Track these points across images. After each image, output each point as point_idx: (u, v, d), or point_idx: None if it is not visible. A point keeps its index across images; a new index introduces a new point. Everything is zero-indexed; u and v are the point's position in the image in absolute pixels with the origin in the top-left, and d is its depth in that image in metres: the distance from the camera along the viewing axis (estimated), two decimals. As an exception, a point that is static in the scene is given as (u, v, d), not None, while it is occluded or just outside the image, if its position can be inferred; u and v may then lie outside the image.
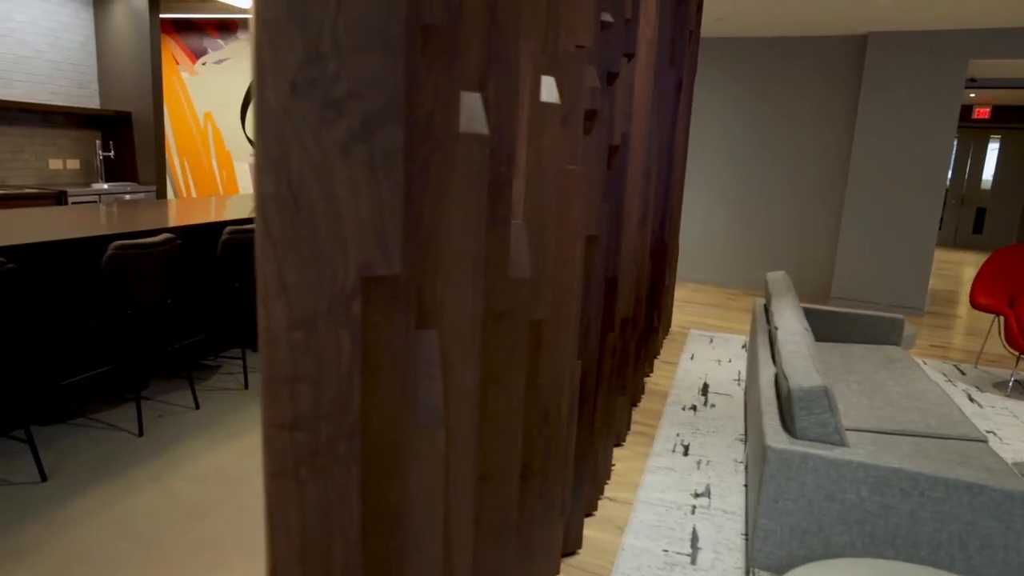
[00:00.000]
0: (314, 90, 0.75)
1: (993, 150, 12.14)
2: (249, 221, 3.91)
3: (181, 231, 3.49)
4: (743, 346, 5.08)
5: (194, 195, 7.76)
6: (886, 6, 5.12)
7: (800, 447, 1.92)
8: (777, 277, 3.70)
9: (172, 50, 7.50)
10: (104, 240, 3.03)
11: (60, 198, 5.16)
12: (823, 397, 1.95)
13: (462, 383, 1.14)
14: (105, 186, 5.59)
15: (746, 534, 2.49)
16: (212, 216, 3.86)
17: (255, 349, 4.18)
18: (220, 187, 7.62)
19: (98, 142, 5.92)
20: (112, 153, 5.99)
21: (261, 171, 0.75)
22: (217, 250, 3.51)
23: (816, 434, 1.96)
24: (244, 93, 7.36)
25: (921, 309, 6.45)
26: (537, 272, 1.55)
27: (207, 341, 4.12)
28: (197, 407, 3.41)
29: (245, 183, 7.50)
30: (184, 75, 7.54)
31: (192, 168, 7.69)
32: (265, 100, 0.73)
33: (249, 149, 7.44)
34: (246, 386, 3.73)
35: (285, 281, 0.78)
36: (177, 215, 3.85)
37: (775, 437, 1.99)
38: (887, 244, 6.47)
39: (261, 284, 0.77)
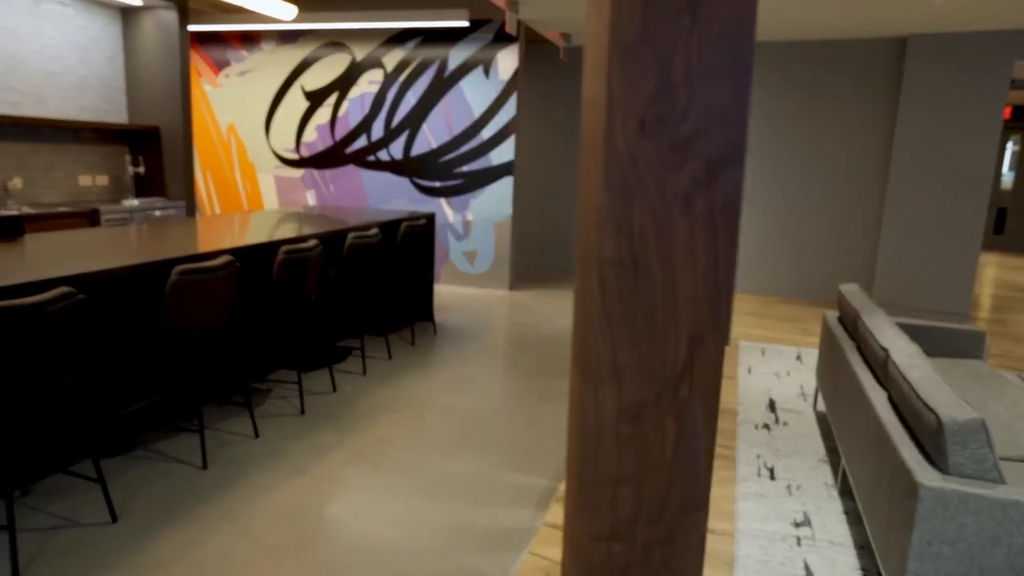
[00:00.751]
0: (662, 129, 0.62)
1: (1012, 151, 12.03)
2: (303, 240, 3.77)
3: (237, 252, 3.35)
4: (797, 357, 4.94)
5: (218, 209, 7.62)
6: (940, 3, 5.00)
7: (957, 485, 1.78)
8: (853, 290, 3.57)
9: (195, 62, 7.37)
10: (165, 265, 2.89)
11: (93, 216, 5.02)
12: (980, 431, 1.82)
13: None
14: (136, 202, 5.45)
15: (872, 570, 2.34)
16: (264, 235, 3.72)
17: (308, 370, 4.05)
18: (244, 200, 7.48)
19: (127, 157, 5.78)
20: (142, 169, 5.85)
21: (603, 231, 0.61)
22: (273, 271, 3.39)
23: (972, 471, 1.82)
24: (270, 103, 7.22)
25: (966, 315, 6.32)
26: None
27: (258, 364, 3.98)
28: (257, 435, 3.27)
29: (269, 196, 7.36)
30: (207, 87, 7.41)
31: (216, 181, 7.55)
32: (613, 144, 0.60)
33: (273, 161, 7.30)
34: (302, 411, 3.58)
35: (618, 364, 0.64)
36: (231, 235, 3.71)
37: (925, 474, 1.85)
38: (930, 250, 6.34)
39: (592, 369, 0.63)
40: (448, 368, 4.37)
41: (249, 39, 7.14)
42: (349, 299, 4.83)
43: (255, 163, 7.38)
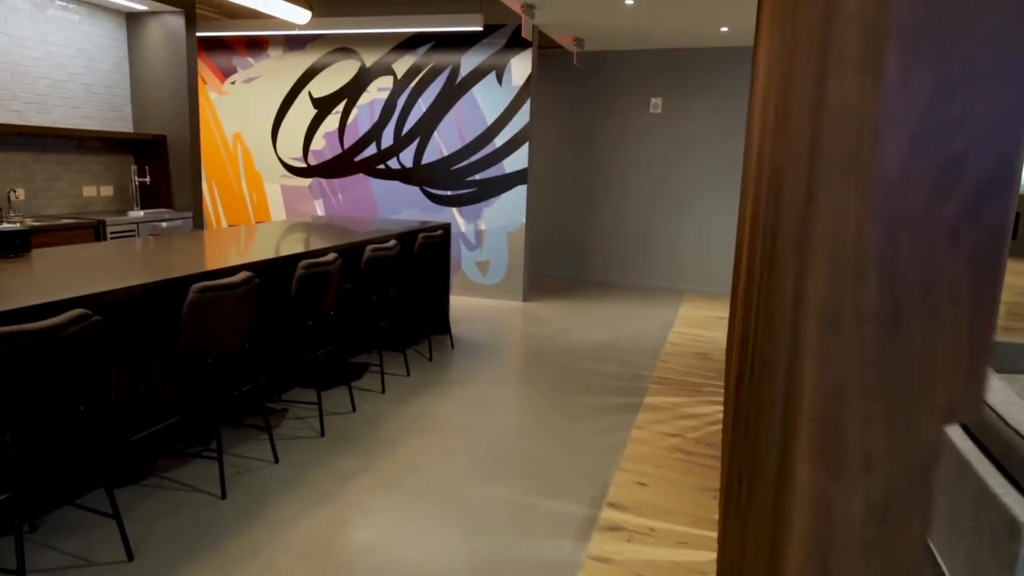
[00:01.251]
0: (935, 144, 0.46)
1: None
2: (323, 253, 3.62)
3: (255, 267, 3.20)
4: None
5: (223, 220, 7.47)
6: None
7: (1062, 525, 1.63)
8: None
9: (200, 70, 7.22)
10: (183, 282, 2.74)
11: (99, 229, 4.86)
12: (1086, 465, 1.66)
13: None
14: (141, 214, 5.30)
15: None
16: (280, 249, 3.57)
17: (325, 388, 3.88)
18: (251, 210, 7.33)
19: (134, 167, 5.63)
20: (148, 179, 5.70)
21: (864, 279, 0.46)
22: (292, 287, 3.23)
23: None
24: (276, 111, 7.08)
25: (992, 324, 6.18)
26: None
27: (270, 383, 3.82)
28: (276, 460, 3.11)
29: (276, 205, 7.21)
30: (212, 95, 7.27)
31: (221, 191, 7.40)
32: (882, 166, 0.44)
33: (280, 170, 7.16)
34: (322, 433, 3.42)
35: (869, 450, 0.48)
36: (246, 249, 3.56)
37: (1025, 511, 1.69)
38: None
39: (840, 458, 0.48)
40: (469, 384, 4.21)
41: (256, 46, 7.00)
42: (366, 314, 4.67)
43: (262, 172, 7.23)
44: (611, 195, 7.59)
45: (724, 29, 6.08)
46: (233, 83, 7.17)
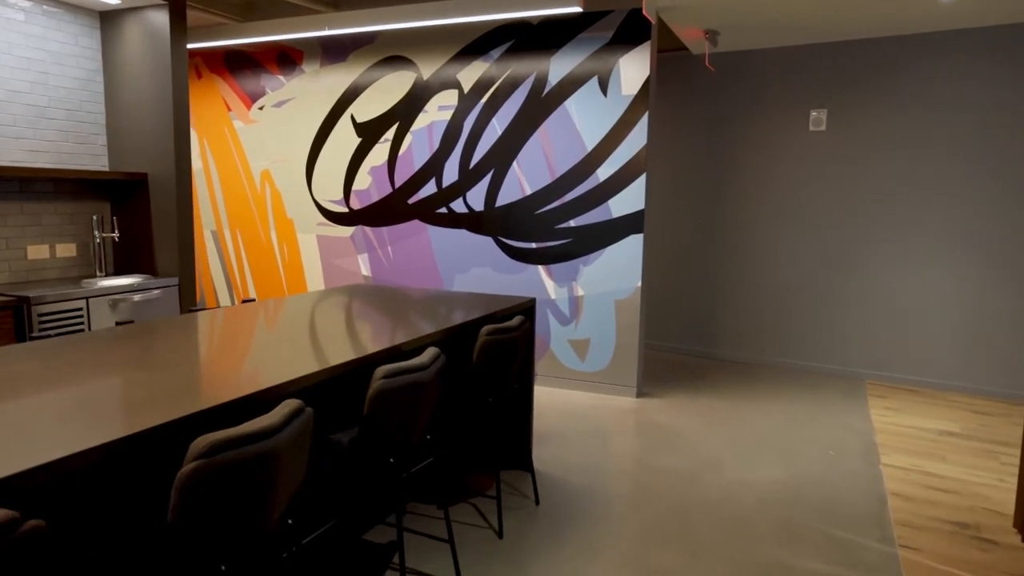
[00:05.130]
0: None
1: None
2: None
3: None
4: None
5: (249, 280, 5.92)
6: None
7: None
8: None
9: (224, 94, 5.79)
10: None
11: (20, 312, 3.31)
12: None
13: None
14: (104, 283, 3.75)
15: None
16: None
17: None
18: (281, 269, 5.76)
19: (95, 218, 4.12)
20: (116, 234, 4.17)
21: None
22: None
23: None
24: (312, 141, 5.52)
25: None
26: None
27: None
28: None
29: (311, 262, 5.61)
30: (237, 124, 5.81)
31: (247, 244, 5.88)
32: None
33: (316, 216, 5.56)
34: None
35: None
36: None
37: None
38: None
39: None
40: (568, 610, 2.29)
41: (287, 60, 5.50)
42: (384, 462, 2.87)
43: (294, 219, 5.67)
44: (753, 244, 5.56)
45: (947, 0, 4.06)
46: (261, 108, 5.69)
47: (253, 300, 3.25)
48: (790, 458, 3.63)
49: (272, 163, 5.70)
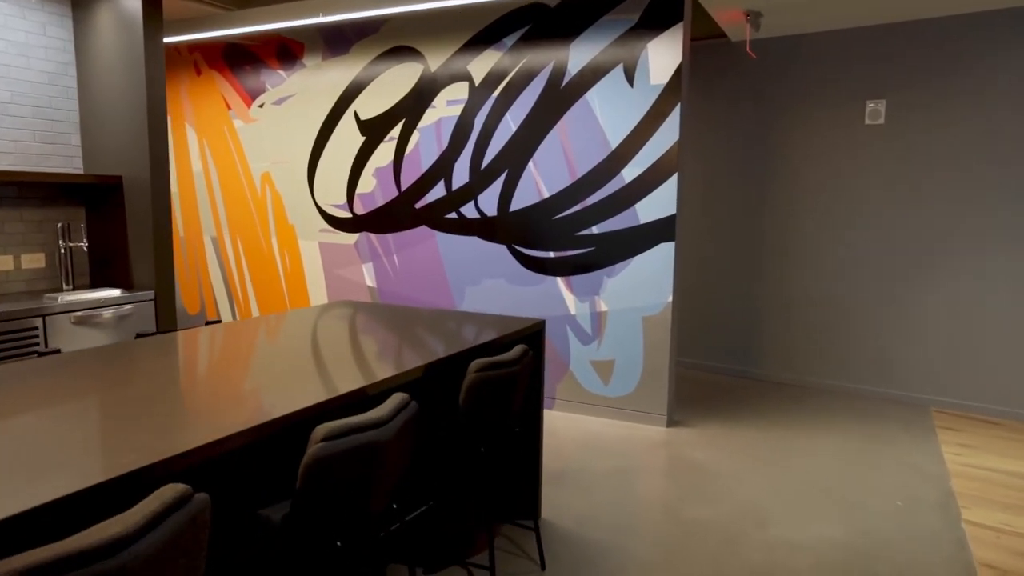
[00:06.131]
0: None
1: None
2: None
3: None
4: None
5: (250, 290, 5.54)
6: None
7: None
8: None
9: (223, 91, 5.42)
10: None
11: (-40, 331, 2.94)
12: None
13: None
14: (69, 298, 3.36)
15: None
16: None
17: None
18: (283, 278, 5.36)
19: (59, 226, 3.74)
20: (85, 243, 3.79)
21: None
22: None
23: None
24: (314, 140, 5.11)
25: None
26: None
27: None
28: None
29: (313, 271, 5.19)
30: (237, 123, 5.43)
31: (248, 252, 5.49)
32: None
33: (318, 221, 5.14)
34: None
35: None
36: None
37: None
38: None
39: None
40: None
41: (288, 53, 5.10)
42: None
43: (295, 225, 5.26)
44: (801, 251, 4.97)
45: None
46: (261, 106, 5.30)
47: (218, 321, 2.81)
48: (849, 511, 3.05)
49: (272, 164, 5.30)
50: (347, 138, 4.95)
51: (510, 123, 4.37)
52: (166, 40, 5.20)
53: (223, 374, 1.90)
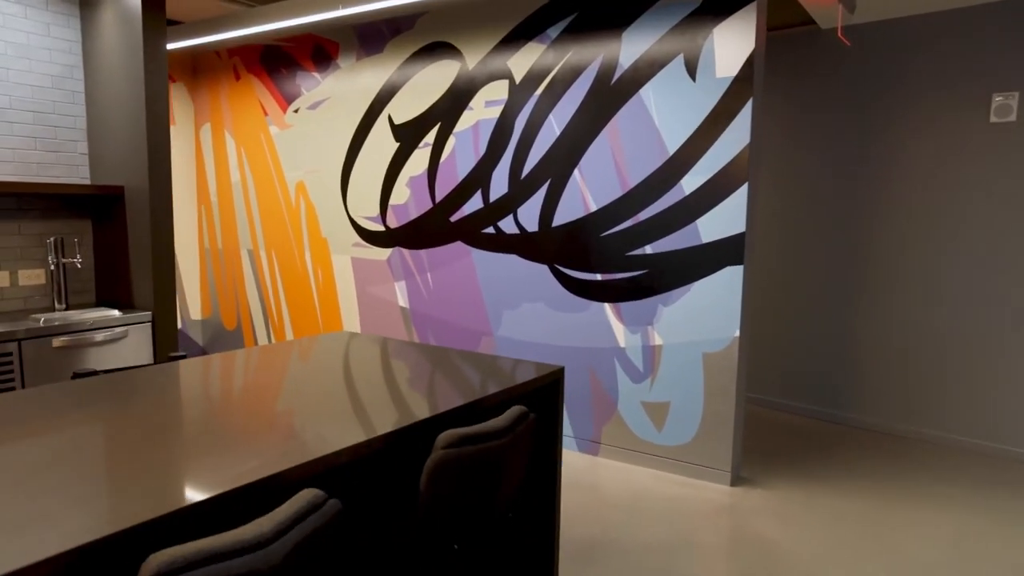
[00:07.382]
0: None
1: None
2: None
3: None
4: None
5: (284, 309, 5.22)
6: None
7: None
8: None
9: (260, 96, 5.15)
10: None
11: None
12: None
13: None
14: (56, 318, 3.07)
15: None
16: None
17: None
18: (316, 297, 5.01)
19: (50, 242, 3.47)
20: (79, 259, 3.51)
21: None
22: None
23: None
24: (347, 146, 4.74)
25: None
26: None
27: None
28: None
29: (345, 289, 4.81)
30: (273, 130, 5.14)
31: (283, 267, 5.18)
32: None
33: (351, 235, 4.76)
34: None
35: None
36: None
37: None
38: None
39: None
40: None
41: (323, 54, 4.75)
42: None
43: (328, 238, 4.90)
44: (904, 276, 4.16)
45: None
46: (296, 111, 4.98)
47: (184, 356, 2.40)
48: (967, 626, 2.31)
49: (307, 173, 4.97)
50: (381, 144, 4.54)
51: (554, 126, 3.83)
52: (197, 42, 4.97)
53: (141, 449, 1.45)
